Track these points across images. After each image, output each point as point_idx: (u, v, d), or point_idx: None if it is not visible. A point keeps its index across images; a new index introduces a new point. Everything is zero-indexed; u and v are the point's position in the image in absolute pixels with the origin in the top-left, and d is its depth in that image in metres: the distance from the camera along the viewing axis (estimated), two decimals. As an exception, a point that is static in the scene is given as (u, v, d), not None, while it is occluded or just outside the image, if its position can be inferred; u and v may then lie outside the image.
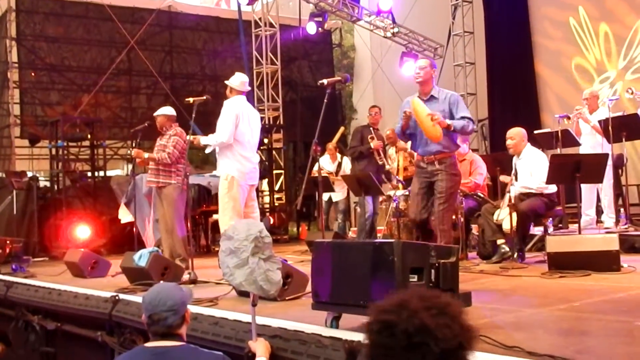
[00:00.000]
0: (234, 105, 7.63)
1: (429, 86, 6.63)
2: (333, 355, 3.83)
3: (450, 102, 6.53)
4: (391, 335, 2.00)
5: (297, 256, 9.59)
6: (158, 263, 7.11)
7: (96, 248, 10.79)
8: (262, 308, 4.60)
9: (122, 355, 3.98)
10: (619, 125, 8.65)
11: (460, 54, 17.06)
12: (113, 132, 16.26)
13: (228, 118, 7.53)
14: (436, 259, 3.93)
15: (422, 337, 1.97)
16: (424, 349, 1.97)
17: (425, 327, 1.98)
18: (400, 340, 1.98)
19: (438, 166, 6.53)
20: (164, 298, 3.68)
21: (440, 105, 6.53)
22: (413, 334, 1.97)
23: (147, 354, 3.64)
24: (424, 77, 6.60)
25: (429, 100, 6.58)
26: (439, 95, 6.59)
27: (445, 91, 6.71)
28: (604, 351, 3.38)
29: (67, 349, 7.27)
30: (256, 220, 7.61)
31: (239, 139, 7.56)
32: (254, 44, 16.62)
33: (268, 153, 15.96)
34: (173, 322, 3.65)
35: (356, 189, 9.55)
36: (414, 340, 1.97)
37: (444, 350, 1.97)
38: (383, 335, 2.02)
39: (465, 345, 2.03)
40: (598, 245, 6.51)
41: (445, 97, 6.58)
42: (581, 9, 14.41)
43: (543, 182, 7.57)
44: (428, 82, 6.64)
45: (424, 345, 1.97)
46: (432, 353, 1.96)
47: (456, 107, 6.51)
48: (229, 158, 7.58)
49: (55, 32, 15.73)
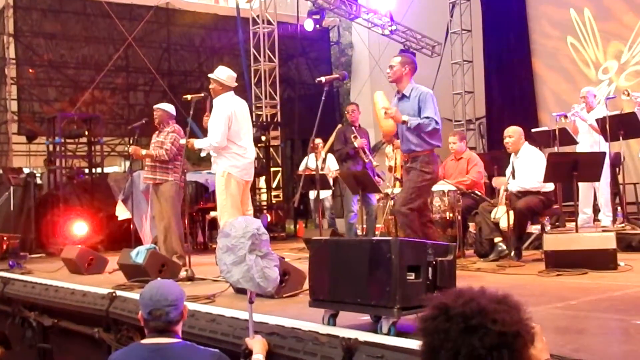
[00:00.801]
0: (225, 106, 7.50)
1: (400, 84, 6.54)
2: (330, 352, 3.83)
3: (419, 100, 6.40)
4: (448, 319, 1.96)
5: (294, 254, 9.58)
6: (155, 260, 7.11)
7: (93, 245, 10.76)
8: (259, 305, 4.61)
9: (117, 352, 3.98)
10: (616, 124, 8.66)
11: (458, 52, 17.06)
12: (110, 128, 16.24)
13: (220, 121, 7.42)
14: (433, 256, 3.94)
15: (479, 319, 1.94)
16: (481, 332, 1.93)
17: (483, 309, 1.96)
18: (457, 322, 1.94)
19: (411, 164, 6.49)
20: (165, 293, 3.68)
21: (410, 103, 6.43)
22: (470, 316, 1.94)
23: (144, 350, 3.64)
24: (393, 75, 6.52)
25: (401, 98, 6.53)
26: (410, 94, 6.47)
27: (419, 89, 6.51)
28: (600, 349, 3.39)
29: (63, 345, 7.27)
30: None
31: (232, 139, 7.47)
32: (251, 41, 16.62)
33: (265, 150, 15.96)
34: (174, 318, 3.65)
35: (353, 186, 9.54)
36: (471, 322, 1.94)
37: (502, 333, 1.94)
38: (439, 320, 1.98)
39: (524, 335, 1.99)
40: (595, 243, 6.52)
41: (416, 95, 6.44)
42: (579, 8, 14.42)
43: (539, 181, 7.58)
44: (399, 80, 6.53)
45: (482, 327, 1.93)
46: (490, 335, 1.92)
47: (423, 106, 6.38)
48: (224, 156, 7.53)
49: (53, 28, 15.70)
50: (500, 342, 1.95)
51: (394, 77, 6.52)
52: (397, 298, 3.72)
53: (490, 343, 1.93)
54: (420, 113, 6.35)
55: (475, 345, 1.93)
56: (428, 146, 6.44)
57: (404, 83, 6.53)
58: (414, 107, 6.38)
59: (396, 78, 6.52)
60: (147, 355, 3.59)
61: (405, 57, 6.80)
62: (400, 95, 6.53)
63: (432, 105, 6.39)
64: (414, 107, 6.38)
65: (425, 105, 6.36)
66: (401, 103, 6.48)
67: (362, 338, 3.78)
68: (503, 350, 1.96)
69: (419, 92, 6.46)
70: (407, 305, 3.76)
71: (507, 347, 1.97)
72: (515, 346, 1.98)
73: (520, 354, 2.01)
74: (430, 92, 6.48)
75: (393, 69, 6.51)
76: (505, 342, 1.96)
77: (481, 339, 1.93)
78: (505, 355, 1.96)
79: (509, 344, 1.97)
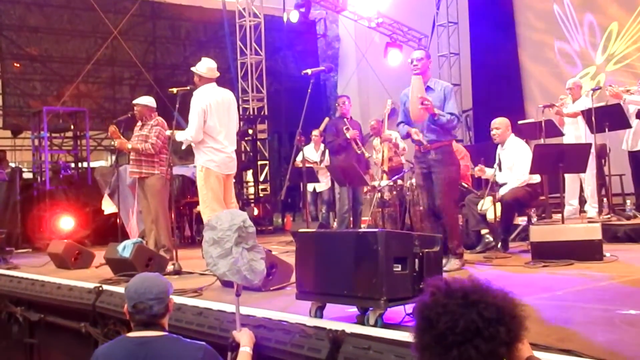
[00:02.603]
0: (201, 99, 7.44)
1: (425, 77, 6.60)
2: (317, 344, 3.84)
3: (445, 93, 6.53)
4: (447, 294, 2.04)
5: (282, 247, 9.58)
6: (142, 254, 7.09)
7: (80, 239, 10.73)
8: (246, 298, 4.61)
9: (104, 345, 3.97)
10: (601, 116, 8.69)
11: (444, 45, 17.08)
12: (96, 122, 16.17)
13: (195, 114, 7.37)
14: (420, 248, 3.95)
15: (479, 294, 2.02)
16: (480, 305, 2.00)
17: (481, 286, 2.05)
18: (457, 297, 2.02)
19: (434, 156, 6.51)
20: (150, 286, 3.68)
21: (436, 95, 6.52)
22: (470, 291, 2.03)
23: (130, 344, 3.64)
24: (422, 68, 6.57)
25: (426, 91, 6.56)
26: (435, 86, 6.58)
27: (441, 82, 6.71)
28: (585, 339, 3.40)
29: (50, 340, 7.25)
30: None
31: (208, 132, 7.42)
32: (238, 34, 16.57)
33: (253, 144, 15.94)
34: (158, 311, 3.64)
35: (340, 179, 9.53)
36: (471, 297, 2.01)
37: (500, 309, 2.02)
38: (438, 295, 2.05)
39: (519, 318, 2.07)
40: (581, 234, 6.54)
41: (441, 87, 6.57)
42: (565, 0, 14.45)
43: (525, 175, 7.61)
44: (425, 73, 6.59)
45: (481, 302, 2.01)
46: (489, 309, 2.00)
47: (448, 100, 6.50)
48: (201, 150, 7.49)
49: (38, 22, 15.62)
50: (499, 318, 2.00)
51: (421, 70, 6.55)
52: (383, 290, 3.73)
53: (489, 317, 1.99)
54: (444, 106, 6.46)
55: (474, 318, 1.98)
56: (452, 137, 6.68)
57: (427, 76, 6.61)
58: (440, 98, 6.51)
59: (423, 71, 6.56)
60: (133, 348, 3.58)
61: (427, 52, 6.97)
62: (425, 87, 6.56)
63: (455, 100, 6.64)
64: (440, 98, 6.50)
65: (449, 100, 6.52)
66: (426, 95, 6.51)
67: (349, 330, 3.79)
68: (500, 327, 1.99)
69: (444, 85, 6.64)
70: (394, 297, 3.77)
71: (504, 324, 2.00)
72: (511, 326, 2.01)
73: (516, 335, 2.04)
74: (453, 87, 6.77)
75: (421, 62, 6.54)
76: (503, 319, 2.01)
77: (480, 313, 1.99)
78: (502, 332, 1.99)
79: (506, 322, 2.01)
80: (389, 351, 3.46)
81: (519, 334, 2.06)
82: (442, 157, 6.49)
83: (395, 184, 9.71)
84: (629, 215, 8.88)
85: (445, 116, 6.40)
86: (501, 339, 1.99)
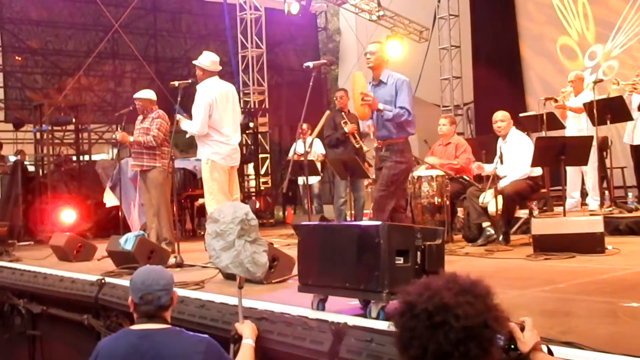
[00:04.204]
0: (206, 93, 7.46)
1: (378, 71, 6.53)
2: (319, 337, 3.85)
3: (396, 87, 6.40)
4: (413, 316, 2.01)
5: (283, 240, 9.58)
6: (144, 247, 7.10)
7: (81, 232, 10.75)
8: (248, 291, 4.61)
9: (107, 338, 3.98)
10: (603, 108, 8.68)
11: (445, 37, 17.03)
12: (98, 116, 16.18)
13: (200, 108, 7.40)
14: (422, 241, 3.94)
15: (442, 315, 1.98)
16: (445, 328, 1.97)
17: (444, 305, 1.99)
18: (422, 320, 1.99)
19: (384, 152, 6.50)
20: (156, 278, 3.69)
21: (387, 90, 6.44)
22: (433, 312, 1.98)
23: (133, 336, 3.64)
24: (375, 62, 6.53)
25: (377, 85, 6.51)
26: (387, 80, 6.48)
27: (395, 76, 6.52)
28: (588, 331, 3.40)
29: (53, 332, 7.27)
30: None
31: (213, 125, 7.44)
32: (239, 28, 16.55)
33: (253, 137, 15.94)
34: (165, 302, 3.66)
35: (342, 172, 9.54)
36: (435, 319, 1.98)
37: (466, 327, 1.97)
38: (406, 317, 2.03)
39: (491, 324, 2.02)
40: (583, 227, 6.54)
41: (393, 81, 6.44)
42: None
43: (526, 167, 7.60)
44: (379, 67, 6.53)
45: (445, 323, 1.97)
46: (454, 330, 1.96)
47: (399, 94, 6.38)
48: (206, 143, 7.51)
49: (39, 15, 15.60)
50: (466, 336, 1.98)
51: (374, 63, 6.50)
52: (385, 282, 3.73)
53: (456, 338, 1.97)
54: (396, 100, 6.36)
55: (441, 341, 1.97)
56: (404, 134, 6.46)
57: (380, 70, 6.53)
58: (392, 92, 6.38)
59: (376, 65, 6.51)
60: (136, 341, 3.59)
61: (383, 45, 6.87)
62: (377, 82, 6.52)
63: (407, 94, 6.40)
64: (392, 93, 6.38)
65: (400, 94, 6.36)
66: (378, 89, 6.47)
67: (351, 322, 3.80)
68: (469, 343, 1.98)
69: (396, 78, 6.45)
70: (396, 290, 3.77)
71: (473, 339, 1.99)
72: (483, 337, 2.01)
73: (491, 342, 2.03)
74: (407, 80, 6.48)
75: (375, 55, 6.50)
76: (471, 335, 1.99)
77: (446, 335, 1.97)
78: (473, 348, 1.98)
79: (475, 336, 1.99)
80: (391, 344, 3.46)
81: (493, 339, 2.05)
82: (391, 154, 6.42)
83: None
84: (631, 207, 8.89)
85: (393, 110, 6.29)
86: (474, 353, 1.99)
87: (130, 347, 3.58)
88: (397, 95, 6.36)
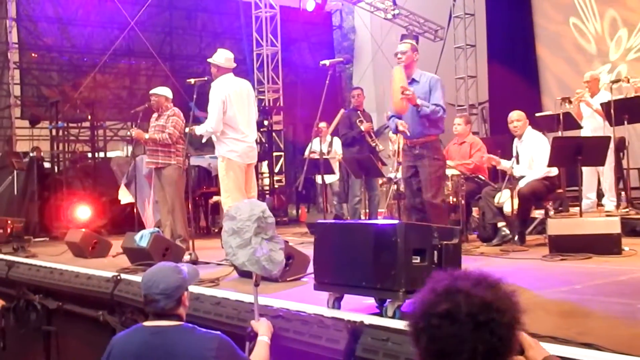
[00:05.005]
0: (220, 90, 7.49)
1: (410, 69, 6.64)
2: (335, 335, 3.84)
3: (430, 85, 6.55)
4: (454, 322, 1.93)
5: (297, 238, 9.58)
6: (159, 244, 7.12)
7: (96, 228, 10.78)
8: (263, 288, 4.62)
9: (120, 333, 3.99)
10: (620, 108, 8.62)
11: (460, 36, 16.98)
12: (113, 113, 16.23)
13: (215, 106, 7.43)
14: (439, 240, 3.94)
15: (486, 314, 1.93)
16: (491, 325, 1.93)
17: (486, 302, 1.95)
18: (466, 323, 1.92)
19: (420, 150, 6.51)
20: (157, 281, 3.64)
21: (420, 87, 6.56)
22: (477, 313, 1.93)
23: (145, 332, 3.66)
24: (406, 61, 6.59)
25: (410, 83, 6.59)
26: (420, 79, 6.61)
27: (427, 74, 6.72)
28: (605, 333, 3.38)
29: (68, 328, 7.30)
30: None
31: (228, 123, 7.48)
32: (254, 26, 16.58)
33: (268, 135, 15.94)
34: (165, 306, 3.61)
35: (356, 171, 9.54)
36: (479, 319, 1.92)
37: (510, 321, 1.96)
38: (446, 326, 1.94)
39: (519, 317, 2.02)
40: (599, 228, 6.51)
41: (426, 79, 6.60)
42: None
43: (545, 166, 7.57)
44: (410, 66, 6.64)
45: (491, 321, 1.93)
46: (501, 325, 1.94)
47: (433, 92, 6.50)
48: (222, 141, 7.55)
49: (55, 12, 15.64)
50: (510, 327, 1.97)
51: (406, 62, 6.56)
52: (402, 281, 3.73)
53: (500, 332, 1.94)
54: (430, 97, 6.40)
55: (488, 339, 1.92)
56: (438, 131, 6.64)
57: (412, 68, 6.63)
58: (425, 90, 6.52)
59: (407, 64, 6.58)
60: (148, 337, 3.61)
61: (414, 44, 6.92)
62: (409, 80, 6.56)
63: (441, 92, 6.57)
64: (425, 91, 6.52)
65: (435, 91, 6.51)
66: (410, 87, 6.52)
67: (367, 321, 3.79)
68: (512, 333, 1.98)
69: (429, 77, 6.64)
70: (413, 289, 3.76)
71: (516, 328, 1.99)
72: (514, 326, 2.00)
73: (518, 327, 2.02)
74: (439, 79, 6.66)
75: (405, 55, 6.56)
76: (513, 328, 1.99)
77: (492, 332, 1.92)
78: (514, 337, 1.98)
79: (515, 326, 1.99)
80: (407, 343, 3.45)
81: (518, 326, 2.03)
82: (427, 151, 6.49)
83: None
84: (648, 209, 8.83)
85: (429, 107, 6.40)
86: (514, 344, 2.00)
87: (142, 344, 3.60)
88: (431, 93, 6.50)
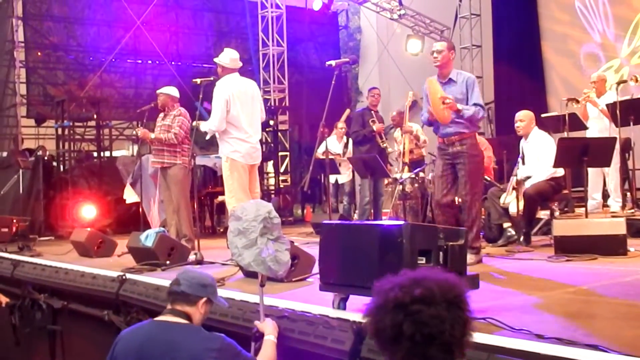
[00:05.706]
0: (223, 89, 7.49)
1: (447, 69, 6.58)
2: (341, 336, 3.84)
3: (467, 85, 6.51)
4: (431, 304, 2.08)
5: (302, 238, 9.59)
6: (164, 243, 7.13)
7: (102, 228, 10.80)
8: (268, 289, 4.61)
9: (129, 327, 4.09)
10: (626, 109, 8.62)
11: (466, 37, 16.98)
12: (119, 112, 16.24)
13: (218, 105, 7.42)
14: (444, 241, 3.94)
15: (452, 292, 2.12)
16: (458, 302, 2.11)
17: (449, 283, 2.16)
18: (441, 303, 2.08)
19: (459, 147, 6.49)
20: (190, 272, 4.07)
21: (458, 87, 6.51)
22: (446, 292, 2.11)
23: (152, 326, 3.81)
24: (442, 61, 6.53)
25: (447, 83, 6.54)
26: (457, 78, 6.55)
27: (463, 74, 6.68)
28: (611, 334, 3.37)
29: (73, 327, 7.31)
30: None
31: (232, 122, 7.46)
32: (260, 25, 16.58)
33: (273, 135, 15.94)
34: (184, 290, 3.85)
35: (362, 171, 9.54)
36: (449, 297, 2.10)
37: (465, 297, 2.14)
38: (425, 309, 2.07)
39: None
40: (605, 229, 6.50)
41: (463, 79, 6.54)
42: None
43: (550, 167, 7.56)
44: (446, 65, 6.57)
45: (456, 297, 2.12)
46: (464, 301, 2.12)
47: (471, 91, 6.48)
48: (226, 141, 7.53)
49: (61, 11, 15.65)
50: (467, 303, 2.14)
51: (442, 62, 6.53)
52: (408, 282, 3.72)
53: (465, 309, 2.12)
54: (468, 97, 6.45)
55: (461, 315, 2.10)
56: (476, 128, 6.67)
57: (448, 68, 6.59)
58: (462, 90, 6.50)
59: (444, 63, 6.55)
60: (154, 330, 3.72)
61: (450, 43, 6.87)
62: (445, 80, 6.55)
63: (478, 91, 6.60)
64: (462, 91, 6.49)
65: (473, 91, 6.50)
66: (447, 87, 6.52)
67: (372, 322, 3.78)
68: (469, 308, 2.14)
69: (465, 76, 6.62)
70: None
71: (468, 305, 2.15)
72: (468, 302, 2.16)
73: None
74: (475, 78, 6.71)
75: (441, 54, 6.52)
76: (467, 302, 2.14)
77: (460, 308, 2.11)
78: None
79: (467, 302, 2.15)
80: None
81: None
82: (467, 148, 6.47)
83: (417, 176, 9.69)
84: (654, 210, 8.82)
85: (470, 109, 6.39)
86: None
87: (146, 337, 3.69)
88: (469, 93, 6.48)
